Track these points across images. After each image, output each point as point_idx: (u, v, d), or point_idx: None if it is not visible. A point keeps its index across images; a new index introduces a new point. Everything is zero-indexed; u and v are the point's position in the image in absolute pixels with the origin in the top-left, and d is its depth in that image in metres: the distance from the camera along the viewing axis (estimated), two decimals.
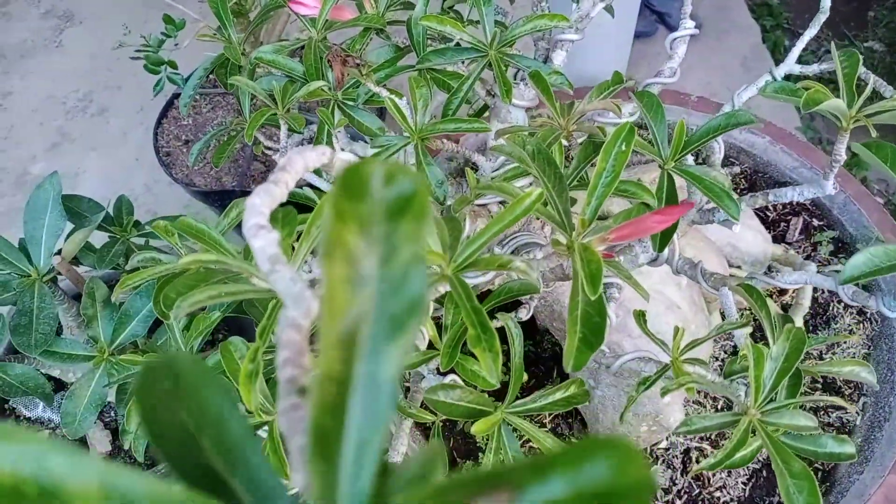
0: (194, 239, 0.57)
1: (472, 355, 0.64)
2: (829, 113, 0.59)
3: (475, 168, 0.81)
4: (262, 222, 0.34)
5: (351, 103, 0.83)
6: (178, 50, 1.52)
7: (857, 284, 0.66)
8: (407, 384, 0.85)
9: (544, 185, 0.55)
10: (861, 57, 0.63)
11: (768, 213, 1.35)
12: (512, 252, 0.88)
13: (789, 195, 0.68)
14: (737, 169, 1.31)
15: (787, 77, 0.80)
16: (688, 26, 0.82)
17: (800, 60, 0.78)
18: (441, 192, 0.65)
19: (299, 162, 0.41)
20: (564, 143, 0.65)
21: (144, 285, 1.18)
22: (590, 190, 0.51)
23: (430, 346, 0.64)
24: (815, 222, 1.33)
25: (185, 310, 0.43)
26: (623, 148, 0.51)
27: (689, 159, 0.69)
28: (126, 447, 1.05)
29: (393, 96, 0.72)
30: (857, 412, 1.15)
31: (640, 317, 0.65)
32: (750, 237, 1.21)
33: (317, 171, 0.85)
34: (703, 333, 1.05)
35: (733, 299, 0.71)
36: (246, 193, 1.82)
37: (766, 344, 0.63)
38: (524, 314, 0.67)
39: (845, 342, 1.21)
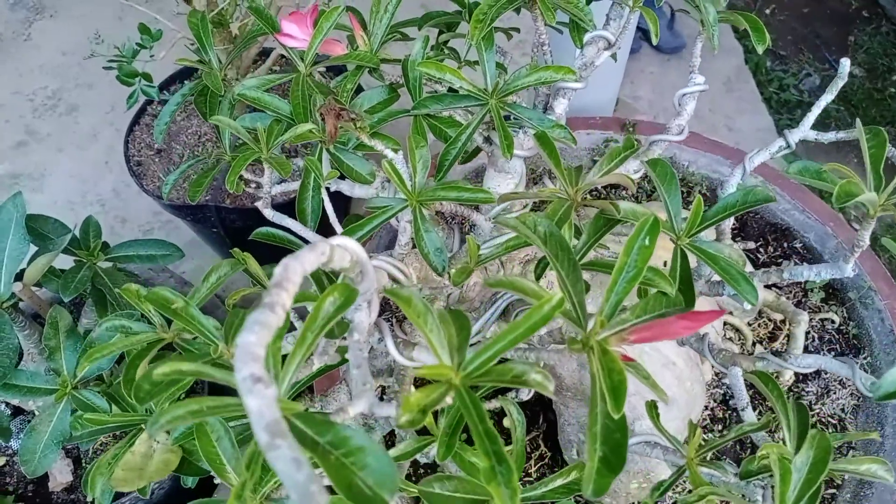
0: (171, 316, 0.52)
1: (470, 442, 0.60)
2: (860, 204, 0.56)
3: (470, 229, 0.76)
4: (258, 372, 0.29)
5: (341, 146, 0.78)
6: (158, 64, 1.45)
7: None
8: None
9: (557, 273, 0.51)
10: (887, 136, 0.60)
11: (759, 256, 1.33)
12: (504, 310, 0.84)
13: (805, 274, 0.64)
14: (751, 244, 1.28)
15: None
16: (698, 82, 0.78)
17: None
18: (440, 262, 0.60)
19: (297, 272, 0.36)
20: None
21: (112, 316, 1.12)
22: (610, 286, 0.47)
23: (424, 430, 0.59)
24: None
25: (162, 427, 0.38)
26: (647, 243, 0.47)
27: (704, 234, 0.65)
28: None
29: (390, 153, 0.67)
30: None
31: (652, 409, 0.62)
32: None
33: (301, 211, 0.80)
34: (698, 389, 1.02)
35: (740, 376, 0.68)
36: (220, 209, 1.76)
37: (777, 429, 0.60)
38: (525, 395, 0.63)
39: (835, 393, 1.19)
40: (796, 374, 1.22)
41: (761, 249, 1.34)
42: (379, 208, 0.62)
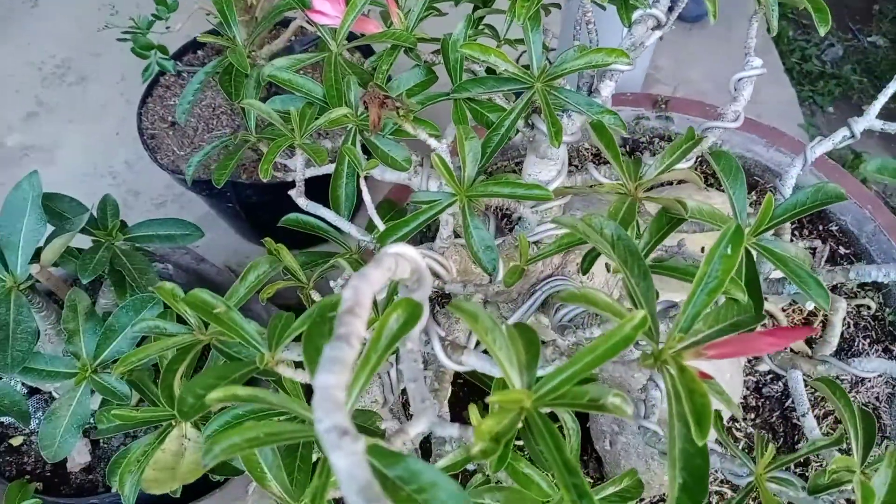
0: (211, 321, 0.49)
1: (522, 449, 0.57)
2: None
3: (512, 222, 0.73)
4: (343, 422, 0.26)
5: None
6: (171, 34, 1.41)
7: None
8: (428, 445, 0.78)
9: (626, 281, 0.47)
10: None
11: (794, 239, 1.29)
12: (545, 299, 0.80)
13: (874, 274, 0.61)
14: (818, 243, 1.23)
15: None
16: (755, 65, 0.73)
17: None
18: (490, 262, 0.57)
19: (368, 295, 0.33)
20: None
21: (130, 304, 1.09)
22: (689, 297, 0.44)
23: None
24: (842, 250, 1.28)
25: (217, 457, 0.35)
26: (729, 251, 0.43)
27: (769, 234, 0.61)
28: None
29: (433, 142, 0.63)
30: None
31: (717, 420, 0.59)
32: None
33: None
34: (737, 379, 0.99)
35: (800, 380, 0.64)
36: (237, 185, 1.72)
37: (841, 438, 0.57)
38: None
39: (869, 381, 1.16)
40: None
41: (795, 233, 1.30)
42: (425, 202, 0.59)
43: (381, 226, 0.67)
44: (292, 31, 1.54)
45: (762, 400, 1.14)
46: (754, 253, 0.58)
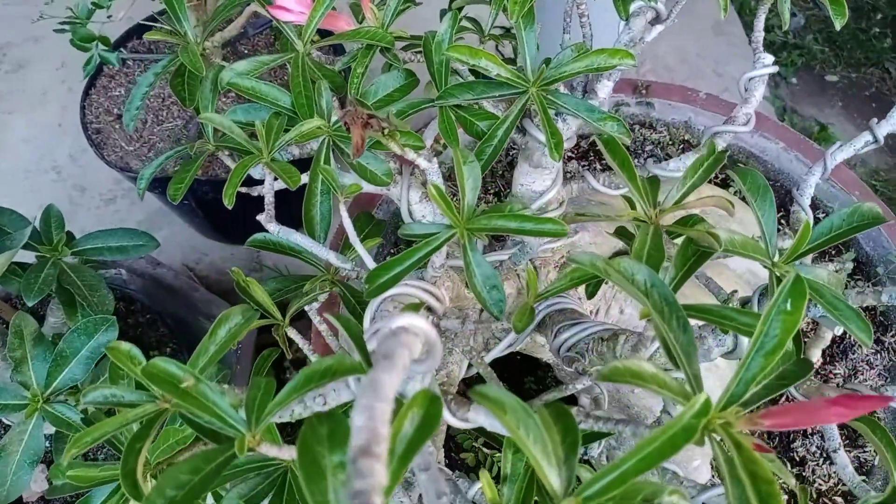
0: (177, 398, 0.41)
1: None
2: None
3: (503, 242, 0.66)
4: None
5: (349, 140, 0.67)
6: (112, 23, 1.29)
7: None
8: None
9: (663, 335, 0.41)
10: None
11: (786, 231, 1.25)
12: (542, 319, 0.74)
13: None
14: (848, 264, 1.18)
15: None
16: (766, 62, 0.67)
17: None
18: (496, 305, 0.50)
19: (385, 416, 0.26)
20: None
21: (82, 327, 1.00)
22: (743, 360, 0.38)
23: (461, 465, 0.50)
24: None
25: None
26: (789, 307, 0.37)
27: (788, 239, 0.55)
28: None
29: (423, 161, 0.56)
30: None
31: None
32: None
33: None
34: None
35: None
36: (193, 182, 1.60)
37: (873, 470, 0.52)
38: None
39: (862, 374, 1.14)
40: (824, 354, 1.16)
41: (782, 221, 1.26)
42: (420, 237, 0.51)
43: (367, 260, 0.59)
44: (247, 15, 1.43)
45: None
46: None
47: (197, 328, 1.53)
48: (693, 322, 0.44)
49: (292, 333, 0.63)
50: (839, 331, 0.99)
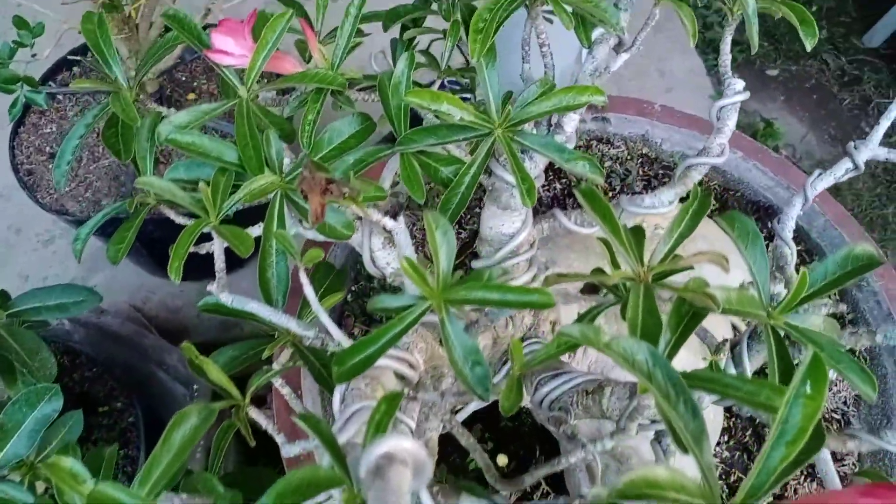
0: None
1: None
2: None
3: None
4: None
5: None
6: (37, 62, 1.21)
7: None
8: None
9: (670, 422, 0.37)
10: None
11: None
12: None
13: None
14: (844, 308, 1.15)
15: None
16: (737, 89, 0.64)
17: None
18: (479, 383, 0.45)
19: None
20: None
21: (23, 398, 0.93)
22: (764, 452, 0.34)
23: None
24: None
25: None
26: (809, 390, 0.34)
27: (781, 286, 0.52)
28: None
29: (389, 222, 0.51)
30: None
31: None
32: (740, 275, 1.09)
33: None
34: (718, 415, 0.92)
35: (829, 461, 0.57)
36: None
37: None
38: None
39: (835, 386, 1.13)
40: None
41: None
42: (392, 310, 0.47)
43: (334, 331, 0.54)
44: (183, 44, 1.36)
45: (733, 419, 1.08)
46: (781, 332, 0.49)
47: (149, 377, 1.44)
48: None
49: (255, 413, 0.57)
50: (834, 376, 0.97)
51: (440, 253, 0.46)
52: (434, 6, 0.75)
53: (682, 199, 0.67)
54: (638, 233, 0.50)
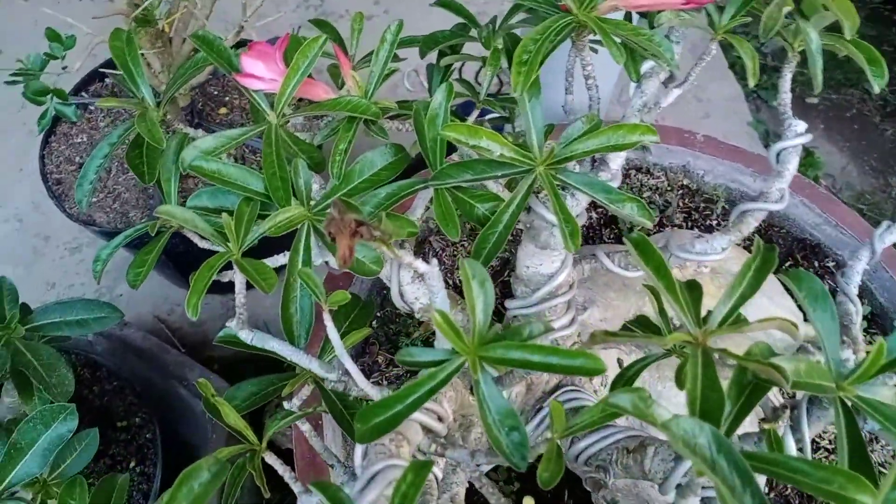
0: None
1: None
2: None
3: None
4: None
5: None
6: (69, 74, 1.20)
7: None
8: None
9: None
10: None
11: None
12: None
13: None
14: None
15: None
16: (798, 131, 0.60)
17: None
18: (516, 450, 0.41)
19: None
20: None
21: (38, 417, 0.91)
22: None
23: None
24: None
25: None
26: None
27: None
28: None
29: (422, 265, 0.47)
30: None
31: None
32: (766, 304, 1.03)
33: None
34: None
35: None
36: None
37: None
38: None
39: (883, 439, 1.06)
40: None
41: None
42: (422, 364, 0.43)
43: (357, 376, 0.51)
44: None
45: None
46: (849, 402, 0.45)
47: (169, 393, 1.42)
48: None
49: (271, 459, 0.54)
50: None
51: (477, 306, 0.42)
52: (473, 32, 0.72)
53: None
54: (695, 289, 0.46)
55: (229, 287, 0.61)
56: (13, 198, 2.01)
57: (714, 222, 1.18)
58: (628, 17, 0.68)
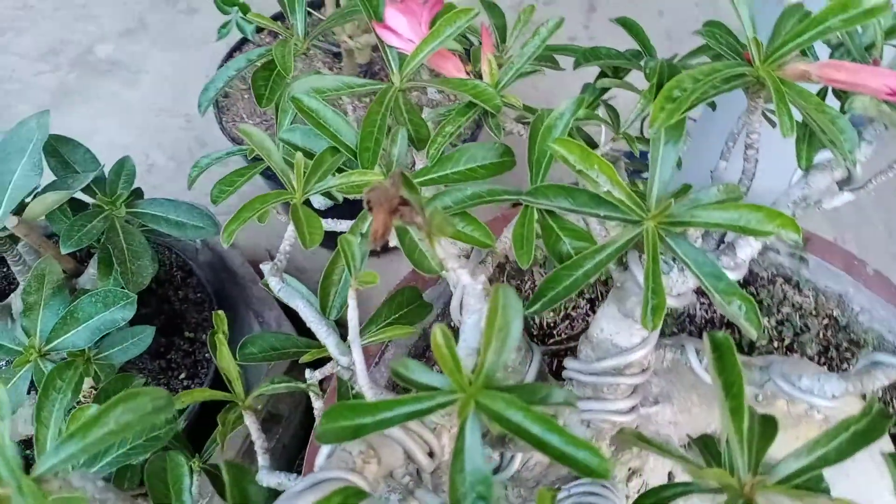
0: None
1: None
2: None
3: None
4: None
5: None
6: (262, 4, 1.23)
7: None
8: None
9: None
10: None
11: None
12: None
13: None
14: None
15: None
16: None
17: None
18: None
19: None
20: None
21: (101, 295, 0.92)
22: None
23: None
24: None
25: None
26: None
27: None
28: None
29: (465, 276, 0.41)
30: None
31: None
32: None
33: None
34: None
35: None
36: None
37: None
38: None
39: None
40: None
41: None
42: (415, 384, 0.36)
43: (360, 370, 0.45)
44: None
45: None
46: None
47: (242, 322, 1.44)
48: None
49: (249, 420, 0.49)
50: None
51: (493, 343, 0.35)
52: (642, 62, 0.64)
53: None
54: (768, 427, 0.36)
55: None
56: (191, 97, 2.12)
57: (851, 368, 1.02)
58: (822, 94, 0.57)
